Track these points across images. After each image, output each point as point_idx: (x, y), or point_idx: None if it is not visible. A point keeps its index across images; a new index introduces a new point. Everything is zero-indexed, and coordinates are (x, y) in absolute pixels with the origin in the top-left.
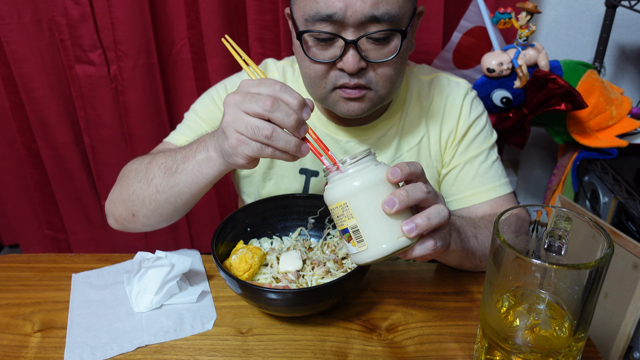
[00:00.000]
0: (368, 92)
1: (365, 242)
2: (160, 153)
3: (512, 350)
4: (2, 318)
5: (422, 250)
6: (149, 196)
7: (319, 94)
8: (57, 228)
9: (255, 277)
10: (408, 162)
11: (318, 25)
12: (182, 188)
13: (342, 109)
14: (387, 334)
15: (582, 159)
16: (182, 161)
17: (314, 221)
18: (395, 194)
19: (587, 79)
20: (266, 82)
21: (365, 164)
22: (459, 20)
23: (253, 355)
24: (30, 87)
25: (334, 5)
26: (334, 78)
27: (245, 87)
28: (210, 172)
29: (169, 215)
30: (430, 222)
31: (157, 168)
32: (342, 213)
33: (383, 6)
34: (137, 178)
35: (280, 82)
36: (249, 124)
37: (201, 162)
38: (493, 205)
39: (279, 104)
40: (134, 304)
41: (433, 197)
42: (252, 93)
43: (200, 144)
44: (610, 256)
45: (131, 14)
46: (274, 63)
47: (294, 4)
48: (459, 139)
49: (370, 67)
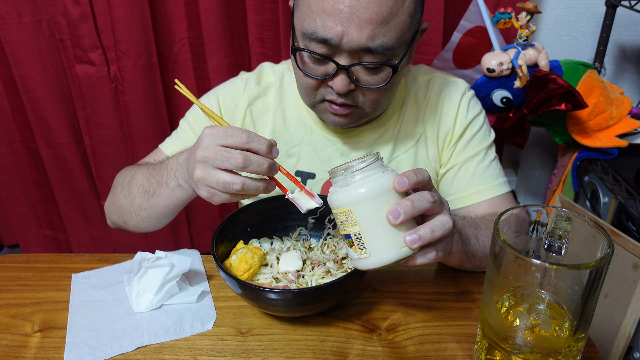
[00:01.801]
0: (355, 109)
1: (367, 250)
2: (139, 170)
3: (512, 350)
4: (2, 318)
5: (423, 260)
6: (134, 211)
7: (309, 102)
8: (57, 228)
9: (255, 277)
10: (415, 170)
11: (314, 45)
12: (161, 208)
13: (329, 120)
14: (387, 334)
15: (582, 159)
16: (157, 186)
17: (314, 221)
18: (400, 205)
19: (587, 79)
20: (231, 133)
21: (372, 171)
22: (459, 20)
23: (253, 355)
24: (30, 87)
25: (331, 31)
26: (324, 92)
27: (211, 139)
28: (185, 196)
29: (156, 225)
30: (434, 234)
31: (137, 188)
32: (345, 219)
33: (379, 39)
34: (122, 193)
35: (244, 130)
36: (220, 180)
37: (174, 188)
38: (491, 205)
39: (250, 159)
40: (134, 304)
41: (438, 205)
42: (221, 149)
43: (170, 173)
44: (610, 256)
45: (131, 14)
46: (271, 67)
47: (297, 7)
48: (456, 139)
49: (359, 90)
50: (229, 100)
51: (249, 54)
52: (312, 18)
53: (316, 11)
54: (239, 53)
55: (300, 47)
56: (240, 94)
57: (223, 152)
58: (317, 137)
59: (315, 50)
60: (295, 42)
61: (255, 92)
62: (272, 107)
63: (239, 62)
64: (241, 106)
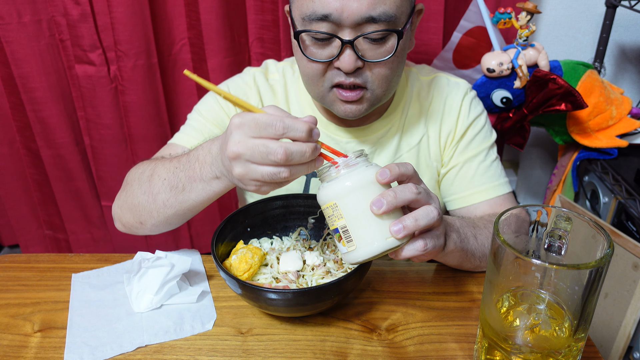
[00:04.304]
0: (365, 93)
1: (354, 242)
2: (159, 164)
3: (512, 350)
4: (2, 318)
5: (411, 251)
6: (157, 209)
7: (317, 93)
8: (57, 228)
9: (255, 277)
10: (399, 163)
11: (315, 25)
12: (192, 204)
13: (340, 110)
14: (387, 334)
15: (582, 159)
16: (188, 180)
17: (314, 221)
18: (383, 195)
19: (587, 79)
20: (265, 123)
21: (356, 165)
22: (459, 20)
23: (253, 355)
24: (30, 87)
25: (329, 6)
26: (331, 76)
27: (242, 132)
28: (223, 188)
29: (177, 223)
30: (418, 223)
31: (160, 183)
32: (332, 213)
33: (380, 6)
34: (141, 190)
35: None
36: (265, 173)
37: (210, 181)
38: (492, 205)
39: (292, 152)
40: (134, 304)
41: (424, 197)
42: (257, 144)
43: (204, 166)
44: (610, 256)
45: (131, 14)
46: (275, 64)
47: (293, 2)
48: (458, 139)
49: (366, 67)
50: (241, 93)
51: (249, 54)
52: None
53: None
54: (239, 53)
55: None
56: (250, 87)
57: (260, 147)
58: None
59: (318, 30)
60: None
61: (264, 87)
62: (279, 105)
63: (239, 62)
64: (252, 99)
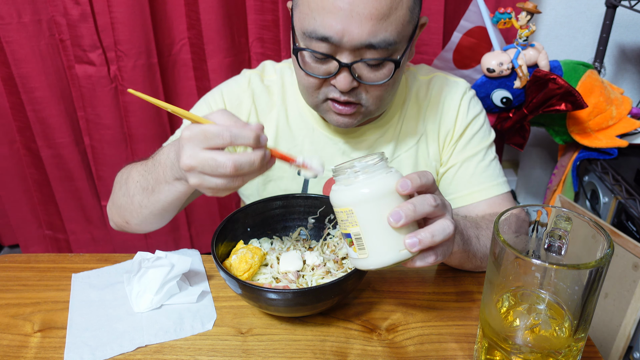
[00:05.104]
0: (359, 108)
1: (366, 251)
2: (135, 166)
3: (512, 350)
4: (2, 318)
5: (422, 263)
6: (135, 210)
7: (311, 102)
8: (57, 228)
9: (255, 277)
10: (420, 172)
11: (314, 44)
12: (163, 204)
13: (332, 120)
14: (387, 334)
15: (582, 159)
16: (155, 183)
17: (314, 221)
18: (402, 208)
19: (587, 79)
20: (212, 134)
21: (375, 171)
22: (459, 20)
23: (253, 355)
24: (30, 87)
25: (330, 29)
26: (327, 91)
27: (193, 145)
28: (187, 188)
29: (159, 222)
30: (434, 239)
31: (134, 186)
32: (346, 218)
33: (381, 34)
34: (121, 192)
35: (224, 127)
36: (219, 183)
37: (174, 183)
38: (491, 204)
39: (240, 164)
40: (134, 304)
41: (441, 209)
42: (207, 158)
43: (166, 169)
44: (610, 256)
45: (131, 14)
46: (273, 66)
47: (296, 7)
48: (456, 138)
49: (362, 87)
50: (234, 97)
51: (249, 54)
52: (311, 17)
53: (315, 9)
54: (239, 53)
55: (301, 47)
56: (244, 90)
57: (210, 161)
58: (318, 136)
59: (317, 49)
60: (296, 42)
61: (259, 89)
62: (275, 105)
63: (239, 62)
64: (245, 102)
